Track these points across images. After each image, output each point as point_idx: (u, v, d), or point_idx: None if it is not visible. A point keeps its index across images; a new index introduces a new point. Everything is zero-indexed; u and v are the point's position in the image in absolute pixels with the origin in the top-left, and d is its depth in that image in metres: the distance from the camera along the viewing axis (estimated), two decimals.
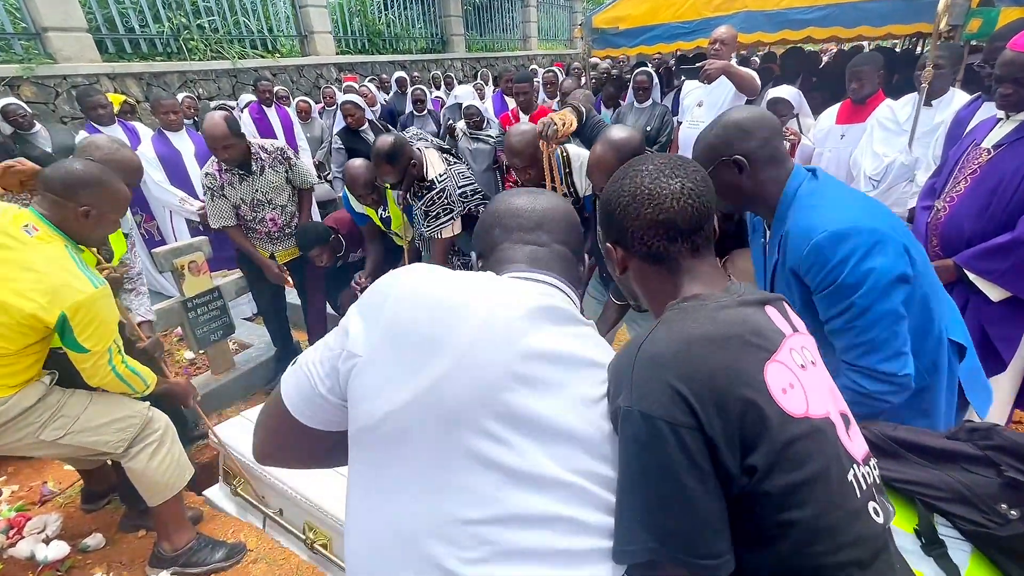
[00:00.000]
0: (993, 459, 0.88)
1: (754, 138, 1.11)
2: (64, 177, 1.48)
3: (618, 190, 0.80)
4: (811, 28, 3.46)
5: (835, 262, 1.02)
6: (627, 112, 4.00)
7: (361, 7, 8.51)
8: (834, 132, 3.06)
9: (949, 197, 1.74)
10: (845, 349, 1.09)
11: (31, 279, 1.40)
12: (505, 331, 0.62)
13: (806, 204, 1.10)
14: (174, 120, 3.48)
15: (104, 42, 5.34)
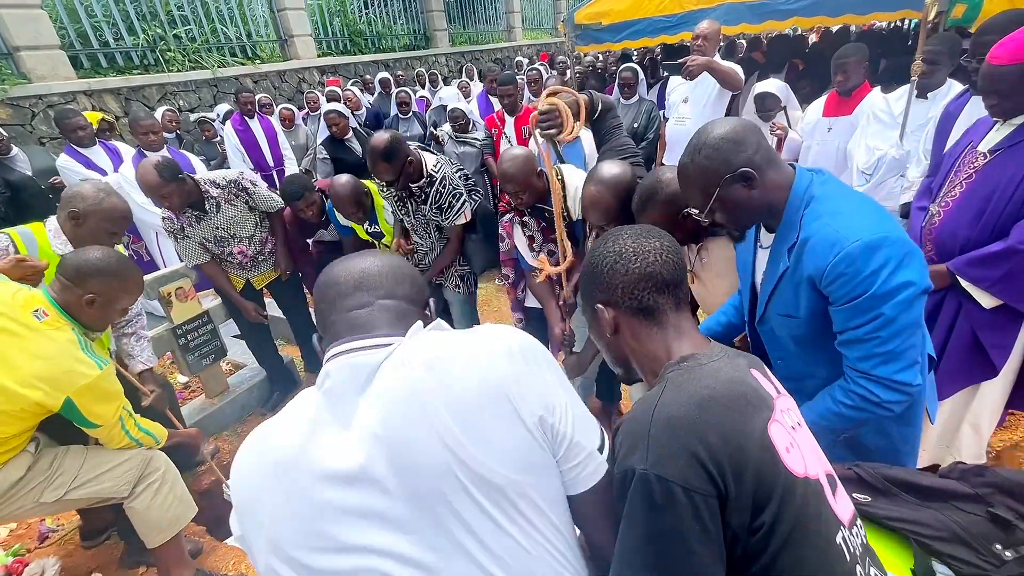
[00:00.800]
0: (985, 496, 0.89)
1: (748, 146, 1.06)
2: (78, 264, 1.52)
3: (603, 252, 0.83)
4: (796, 18, 3.41)
5: (867, 273, 0.99)
6: None
7: (341, 7, 8.38)
8: (821, 125, 3.04)
9: (944, 202, 1.72)
10: (862, 359, 1.06)
11: (37, 367, 1.42)
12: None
13: (826, 210, 1.05)
14: (154, 140, 3.42)
15: (79, 58, 5.25)
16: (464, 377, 0.65)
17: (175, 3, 6.05)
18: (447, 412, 0.63)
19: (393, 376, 0.65)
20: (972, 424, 1.88)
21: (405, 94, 5.45)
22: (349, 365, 0.66)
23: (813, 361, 1.21)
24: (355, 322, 0.70)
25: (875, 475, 0.97)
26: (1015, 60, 1.42)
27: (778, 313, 1.20)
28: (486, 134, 4.15)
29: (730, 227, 1.18)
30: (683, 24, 3.77)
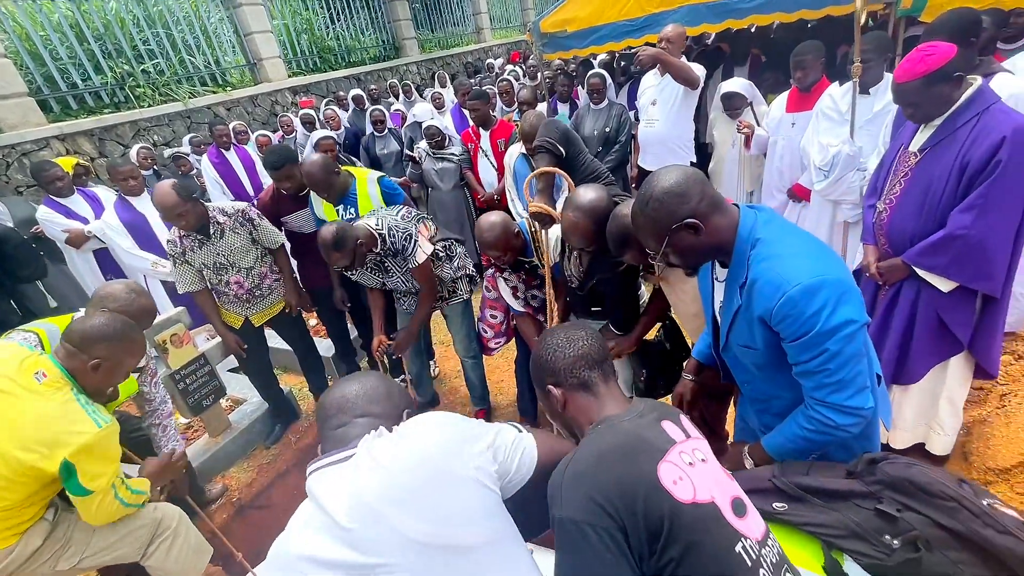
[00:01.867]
0: (875, 493, 1.02)
1: (692, 197, 1.15)
2: (84, 331, 1.56)
3: (545, 346, 1.07)
4: (753, 15, 3.49)
5: (809, 314, 1.08)
6: (585, 114, 4.05)
7: (307, 25, 8.36)
8: (785, 120, 3.15)
9: (888, 199, 1.85)
10: (815, 388, 1.17)
11: (34, 429, 1.45)
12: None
13: (768, 253, 1.15)
14: (134, 185, 3.44)
15: (48, 102, 5.23)
16: (401, 469, 0.83)
17: (140, 38, 6.02)
18: (395, 506, 0.80)
19: (350, 480, 0.84)
20: (948, 399, 2.00)
21: (379, 112, 5.48)
22: (322, 475, 0.87)
23: (776, 384, 1.30)
24: (335, 438, 0.92)
25: (789, 484, 1.11)
26: (911, 77, 1.59)
27: (738, 344, 1.30)
28: (463, 149, 4.22)
29: (683, 267, 1.32)
30: (647, 27, 3.85)
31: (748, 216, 1.20)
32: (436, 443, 0.88)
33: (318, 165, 2.70)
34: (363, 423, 0.93)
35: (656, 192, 1.16)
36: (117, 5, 5.90)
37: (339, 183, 2.79)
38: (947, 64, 1.55)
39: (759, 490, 1.12)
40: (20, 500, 1.50)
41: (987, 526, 0.91)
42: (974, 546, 0.91)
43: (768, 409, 1.35)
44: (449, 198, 4.34)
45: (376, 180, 2.91)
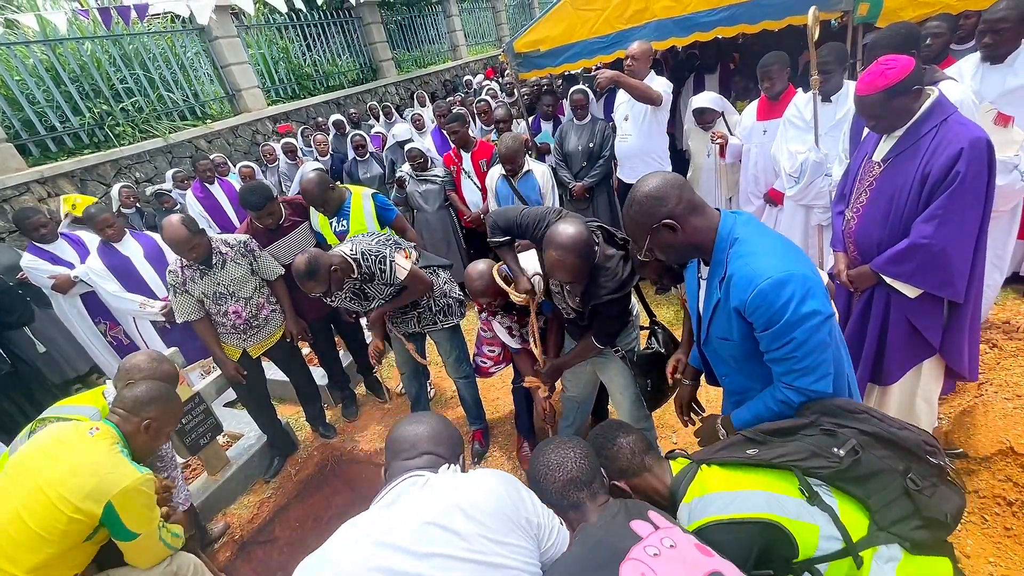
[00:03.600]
0: (815, 421, 1.26)
1: (670, 200, 1.29)
2: (135, 396, 1.78)
3: (535, 466, 1.22)
4: (719, 28, 3.61)
5: (778, 305, 1.22)
6: (569, 130, 4.13)
7: (284, 53, 8.43)
8: (757, 128, 3.26)
9: (856, 208, 1.93)
10: (784, 373, 1.32)
11: (83, 474, 1.56)
12: None
13: (744, 251, 1.28)
14: (113, 234, 3.44)
15: (26, 146, 5.23)
16: (476, 497, 1.01)
17: (117, 77, 6.04)
18: (464, 518, 0.97)
19: (422, 493, 1.03)
20: (924, 398, 2.08)
21: (360, 137, 5.55)
22: (397, 488, 1.05)
23: (751, 376, 1.44)
24: (404, 467, 1.11)
25: (755, 432, 1.29)
26: (871, 91, 1.67)
27: (717, 336, 1.43)
28: (446, 170, 4.28)
29: (668, 263, 1.47)
30: (617, 44, 3.95)
31: (728, 218, 1.33)
32: (505, 483, 1.06)
33: (314, 182, 2.85)
34: (429, 459, 1.11)
35: (637, 196, 1.32)
36: (92, 46, 5.92)
37: (334, 198, 2.95)
38: (907, 77, 1.63)
39: (733, 444, 1.29)
40: (58, 554, 1.53)
41: (891, 427, 1.20)
42: (888, 442, 1.19)
43: (743, 400, 1.50)
44: (435, 219, 4.40)
45: (370, 196, 3.04)
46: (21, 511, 1.52)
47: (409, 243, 2.73)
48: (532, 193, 3.45)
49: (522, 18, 15.48)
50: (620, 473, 1.31)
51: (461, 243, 4.55)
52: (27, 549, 1.51)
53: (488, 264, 2.25)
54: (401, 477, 1.07)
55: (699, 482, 1.23)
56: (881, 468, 1.16)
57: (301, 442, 3.42)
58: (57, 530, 1.52)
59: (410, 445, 1.15)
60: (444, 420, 1.23)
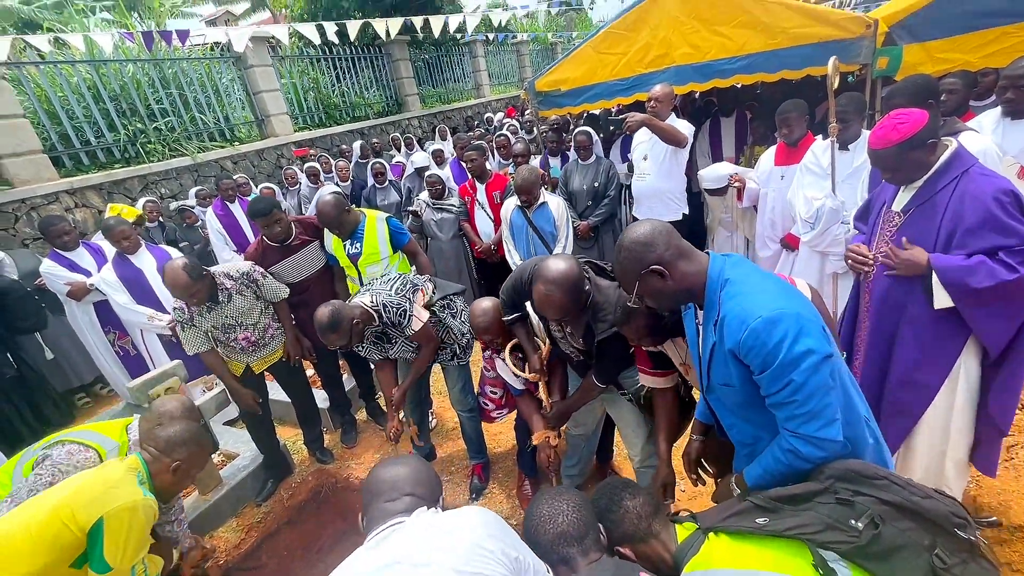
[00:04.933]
0: (830, 487, 1.15)
1: (658, 245, 1.28)
2: (168, 437, 1.79)
3: (530, 517, 1.19)
4: (737, 76, 3.69)
5: (772, 345, 1.16)
6: (573, 170, 4.19)
7: (315, 84, 8.75)
8: (774, 173, 3.25)
9: (875, 258, 1.88)
10: (787, 419, 1.24)
11: (89, 484, 1.58)
12: None
13: (736, 292, 1.24)
14: (128, 246, 3.49)
15: (60, 158, 5.41)
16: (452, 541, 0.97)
17: (154, 98, 6.29)
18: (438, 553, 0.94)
19: (403, 539, 1.00)
20: (954, 460, 1.95)
21: (380, 165, 5.68)
22: (380, 538, 1.03)
23: (758, 425, 1.36)
24: (386, 511, 1.08)
25: (764, 499, 1.19)
26: (884, 144, 1.65)
27: (719, 383, 1.37)
28: (461, 202, 4.32)
29: (660, 309, 1.42)
30: (636, 87, 4.05)
31: (717, 260, 1.31)
32: (483, 516, 1.05)
33: (331, 204, 2.89)
34: (409, 501, 1.09)
35: (626, 242, 1.31)
36: (134, 68, 6.20)
37: (349, 220, 2.97)
38: (920, 132, 1.60)
39: (743, 511, 1.20)
40: (41, 569, 1.48)
41: (913, 494, 1.09)
42: (911, 513, 1.08)
43: (753, 452, 1.41)
44: (448, 248, 4.41)
45: (385, 220, 3.07)
46: (27, 517, 1.53)
47: (425, 277, 2.72)
48: (546, 225, 3.45)
49: (544, 61, 15.99)
50: (625, 538, 1.24)
51: (472, 272, 4.55)
52: (18, 558, 1.48)
53: (493, 302, 2.23)
54: (384, 524, 1.05)
55: (704, 554, 1.15)
56: (904, 543, 1.06)
57: (296, 465, 3.34)
58: (48, 537, 1.49)
59: (390, 487, 1.13)
60: (424, 462, 1.22)
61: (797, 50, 3.40)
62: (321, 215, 2.92)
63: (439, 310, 2.65)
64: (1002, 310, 1.66)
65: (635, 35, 3.95)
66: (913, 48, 3.13)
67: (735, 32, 3.58)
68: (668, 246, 1.28)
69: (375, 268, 3.08)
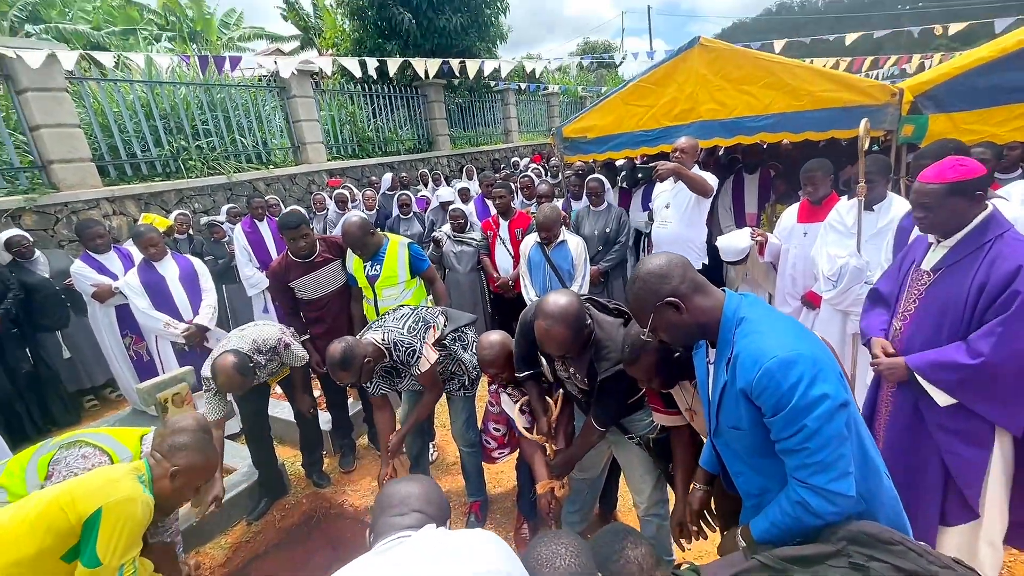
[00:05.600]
0: (843, 550, 1.07)
1: (673, 277, 1.25)
2: (172, 442, 1.78)
3: (528, 559, 1.07)
4: (762, 133, 3.77)
5: (786, 387, 1.12)
6: (584, 215, 4.25)
7: (351, 117, 9.15)
8: (797, 230, 3.24)
9: (904, 316, 1.84)
10: (796, 468, 1.17)
11: (91, 477, 1.61)
12: None
13: (751, 330, 1.20)
14: (154, 253, 3.60)
15: (107, 168, 5.67)
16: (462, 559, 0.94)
17: (201, 119, 6.62)
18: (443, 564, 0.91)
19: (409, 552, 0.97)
20: (989, 541, 1.84)
21: (406, 196, 5.83)
22: (386, 547, 1.01)
23: (767, 475, 1.29)
24: (392, 524, 1.06)
25: (772, 557, 1.12)
26: (937, 180, 1.64)
27: (727, 425, 1.31)
28: (482, 235, 4.38)
29: (672, 344, 1.37)
30: (661, 138, 4.15)
31: (733, 298, 1.28)
32: (495, 540, 1.02)
33: (356, 225, 2.95)
34: (417, 518, 1.08)
35: (641, 273, 1.29)
36: (186, 91, 6.57)
37: (372, 242, 3.02)
38: (976, 179, 1.60)
39: (749, 570, 1.14)
40: (34, 556, 1.48)
41: (931, 563, 1.02)
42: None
43: (760, 504, 1.34)
44: (465, 280, 4.44)
45: (406, 245, 3.12)
46: (28, 506, 1.54)
47: (438, 310, 2.71)
48: (564, 263, 3.47)
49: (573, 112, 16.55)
50: None
51: (487, 306, 4.56)
52: (13, 543, 1.48)
53: (502, 336, 2.21)
54: (390, 537, 1.03)
55: None
56: None
57: (292, 486, 3.26)
58: (44, 522, 1.49)
59: (400, 501, 1.12)
60: (436, 485, 1.20)
61: (822, 112, 3.48)
62: (346, 235, 2.97)
63: (450, 342, 2.64)
64: (999, 394, 1.62)
65: (663, 89, 4.09)
66: (939, 118, 3.17)
67: (761, 92, 3.69)
68: (684, 279, 1.26)
69: (391, 291, 3.11)
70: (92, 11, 11.04)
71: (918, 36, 9.28)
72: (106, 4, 11.23)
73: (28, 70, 4.81)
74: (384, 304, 3.14)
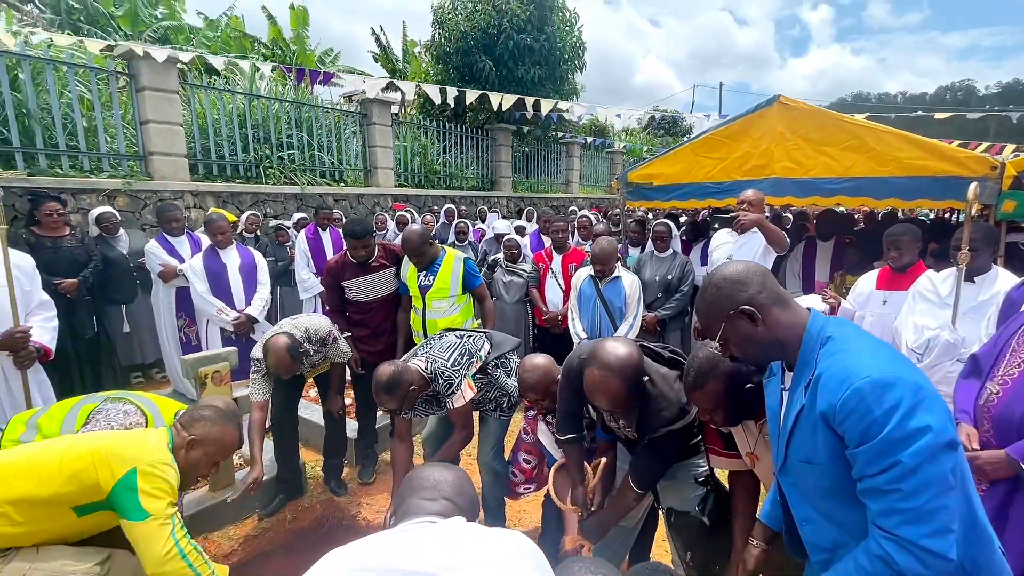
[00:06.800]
0: None
1: (751, 286, 1.14)
2: (192, 412, 1.80)
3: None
4: (840, 196, 3.59)
5: (879, 412, 0.94)
6: (647, 260, 4.11)
7: (423, 149, 9.61)
8: (875, 297, 3.00)
9: (1003, 380, 1.61)
10: (883, 514, 0.96)
11: (127, 438, 1.66)
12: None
13: (840, 348, 1.05)
14: (221, 240, 3.78)
15: (196, 166, 6.13)
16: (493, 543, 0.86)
17: (287, 132, 7.14)
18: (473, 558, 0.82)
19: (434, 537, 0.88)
20: None
21: (464, 224, 5.96)
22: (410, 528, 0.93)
23: (842, 524, 1.08)
24: (420, 507, 0.99)
25: None
26: None
27: (799, 459, 1.13)
28: (533, 268, 4.34)
29: (745, 361, 1.23)
30: (730, 191, 4.03)
31: (819, 317, 1.14)
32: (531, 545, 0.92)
33: (417, 232, 3.01)
34: (447, 506, 1.00)
35: (715, 278, 1.18)
36: (279, 107, 7.12)
37: (430, 252, 3.05)
38: None
39: None
40: (46, 499, 1.48)
41: None
42: None
43: (830, 562, 1.11)
44: (511, 310, 4.38)
45: (462, 260, 3.13)
46: (64, 447, 1.55)
47: (484, 339, 2.59)
48: (616, 299, 3.34)
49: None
50: None
51: (531, 341, 4.45)
52: (33, 478, 1.49)
53: (547, 360, 2.09)
54: (415, 519, 0.95)
55: None
56: None
57: (309, 489, 3.17)
58: (74, 468, 1.50)
59: (431, 486, 1.04)
60: (470, 479, 1.11)
61: (910, 180, 3.29)
62: (406, 241, 3.01)
63: (492, 367, 2.55)
64: None
65: (736, 143, 4.02)
66: None
67: (842, 154, 3.54)
68: (763, 287, 1.14)
69: (441, 303, 3.09)
70: (212, 39, 12.36)
71: (1016, 122, 8.80)
72: (225, 35, 12.54)
73: (150, 72, 5.36)
74: (432, 316, 3.11)
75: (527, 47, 10.46)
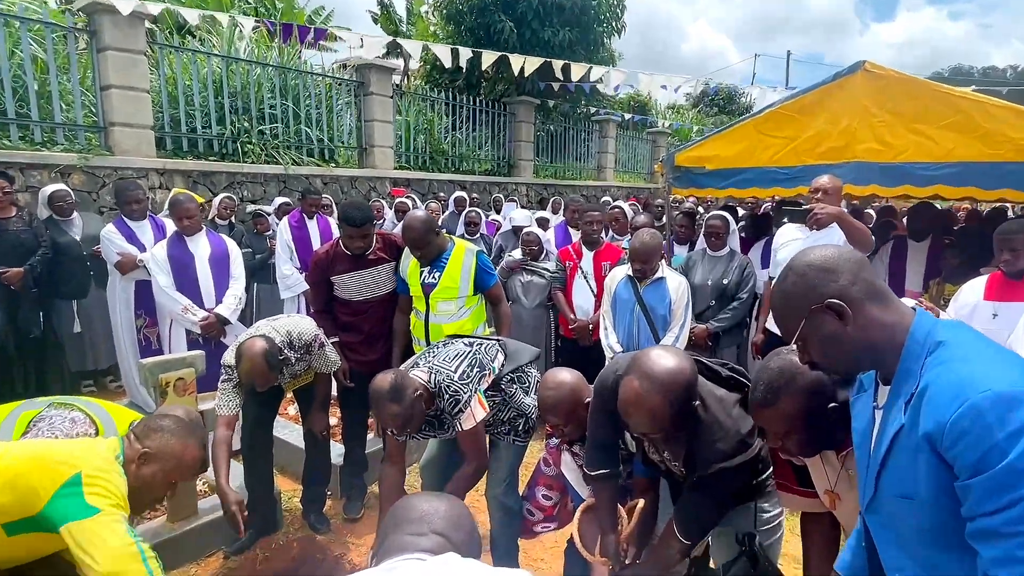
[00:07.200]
0: None
1: (841, 275, 1.09)
2: (148, 423, 1.81)
3: None
4: (939, 186, 3.50)
5: (1003, 436, 0.89)
6: (698, 260, 4.03)
7: (428, 125, 9.69)
8: (982, 309, 2.90)
9: None
10: (999, 562, 0.91)
11: (72, 444, 1.70)
12: None
13: (952, 356, 1.00)
14: (188, 225, 3.81)
15: (164, 139, 6.27)
16: None
17: (269, 103, 7.27)
18: None
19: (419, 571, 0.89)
20: None
21: (475, 214, 5.96)
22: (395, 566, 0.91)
23: (945, 575, 1.04)
24: (406, 543, 0.97)
25: None
26: None
27: (893, 494, 1.09)
28: (559, 266, 4.31)
29: (829, 369, 1.19)
30: (800, 178, 3.97)
31: (926, 318, 1.09)
32: None
33: (421, 219, 2.97)
34: (438, 541, 0.99)
35: (798, 265, 1.14)
36: (261, 72, 7.25)
37: (435, 243, 3.00)
38: None
39: None
40: None
41: None
42: None
43: None
44: (529, 316, 4.37)
45: (475, 253, 3.09)
46: None
47: (497, 353, 2.57)
48: (659, 305, 3.30)
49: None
50: None
51: (553, 354, 4.42)
52: None
53: (573, 376, 2.05)
54: (400, 556, 0.94)
55: None
56: None
57: (284, 523, 3.19)
58: (6, 476, 1.50)
59: (419, 517, 1.02)
60: (468, 511, 1.10)
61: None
62: (407, 229, 2.99)
63: (507, 383, 2.53)
64: None
65: (809, 119, 3.96)
66: None
67: (941, 134, 3.46)
68: (857, 279, 1.09)
69: (448, 306, 3.08)
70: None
71: None
72: None
73: (113, 28, 5.50)
74: (436, 320, 3.11)
75: (555, 5, 10.51)
